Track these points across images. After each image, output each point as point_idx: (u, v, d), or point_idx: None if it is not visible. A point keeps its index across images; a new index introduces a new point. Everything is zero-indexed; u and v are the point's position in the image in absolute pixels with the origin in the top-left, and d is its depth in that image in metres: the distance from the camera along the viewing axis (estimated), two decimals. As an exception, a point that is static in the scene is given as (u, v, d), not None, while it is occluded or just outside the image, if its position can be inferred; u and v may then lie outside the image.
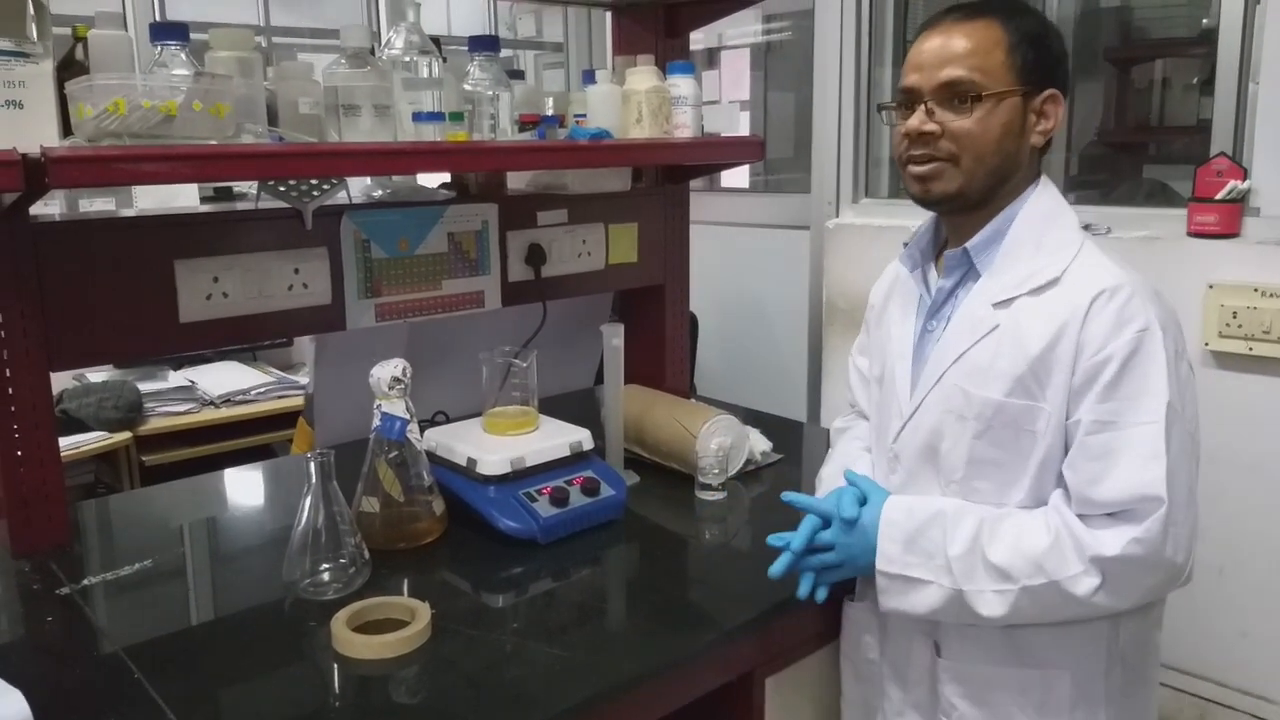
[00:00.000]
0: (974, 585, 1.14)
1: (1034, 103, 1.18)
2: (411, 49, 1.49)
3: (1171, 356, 1.10)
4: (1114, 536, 1.09)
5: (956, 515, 1.17)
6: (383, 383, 1.44)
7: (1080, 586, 1.10)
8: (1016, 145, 1.18)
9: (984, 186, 1.19)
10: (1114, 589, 1.11)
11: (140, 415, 3.12)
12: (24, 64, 1.18)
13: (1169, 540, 1.08)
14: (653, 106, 1.75)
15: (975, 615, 1.15)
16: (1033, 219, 1.20)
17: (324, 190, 1.66)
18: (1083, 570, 1.10)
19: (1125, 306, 1.10)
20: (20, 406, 1.43)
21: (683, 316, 2.28)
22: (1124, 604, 1.13)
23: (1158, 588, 1.14)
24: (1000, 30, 1.16)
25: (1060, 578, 1.10)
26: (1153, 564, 1.09)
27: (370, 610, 1.24)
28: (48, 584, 1.38)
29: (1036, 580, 1.11)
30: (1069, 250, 1.17)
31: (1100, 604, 1.11)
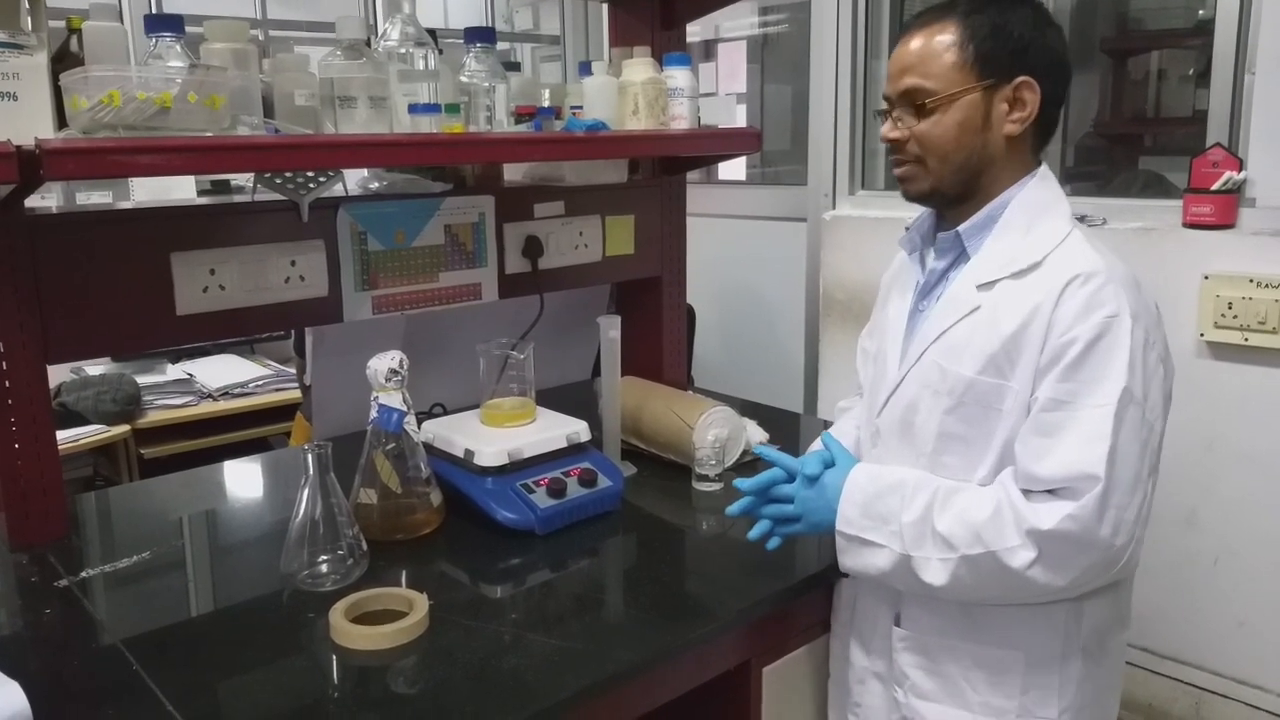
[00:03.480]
0: (921, 552, 1.18)
1: (1003, 93, 1.19)
2: (407, 40, 1.49)
3: (1139, 345, 1.11)
4: (1050, 511, 1.11)
5: (915, 485, 1.21)
6: (380, 375, 1.44)
7: (1016, 559, 1.12)
8: (981, 140, 1.20)
9: (956, 182, 1.23)
10: (1049, 564, 1.12)
11: (138, 408, 3.11)
12: (18, 56, 1.18)
13: (1105, 520, 1.10)
14: (649, 98, 1.75)
15: (920, 582, 1.19)
16: (1026, 206, 1.22)
17: (320, 182, 1.66)
18: (1019, 543, 1.12)
19: (1098, 292, 1.12)
20: (17, 399, 1.43)
21: (680, 308, 2.28)
22: (1060, 581, 1.13)
23: (1093, 569, 1.13)
24: (954, 30, 1.19)
25: (997, 548, 1.13)
26: (1087, 542, 1.11)
27: (368, 601, 1.25)
28: (46, 576, 1.38)
29: (975, 550, 1.14)
30: (1055, 237, 1.19)
31: (1036, 579, 1.12)
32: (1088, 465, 1.10)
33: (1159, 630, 2.46)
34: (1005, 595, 1.18)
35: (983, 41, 1.18)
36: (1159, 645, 2.47)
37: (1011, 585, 1.14)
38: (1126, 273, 1.16)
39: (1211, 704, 2.39)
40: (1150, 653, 2.49)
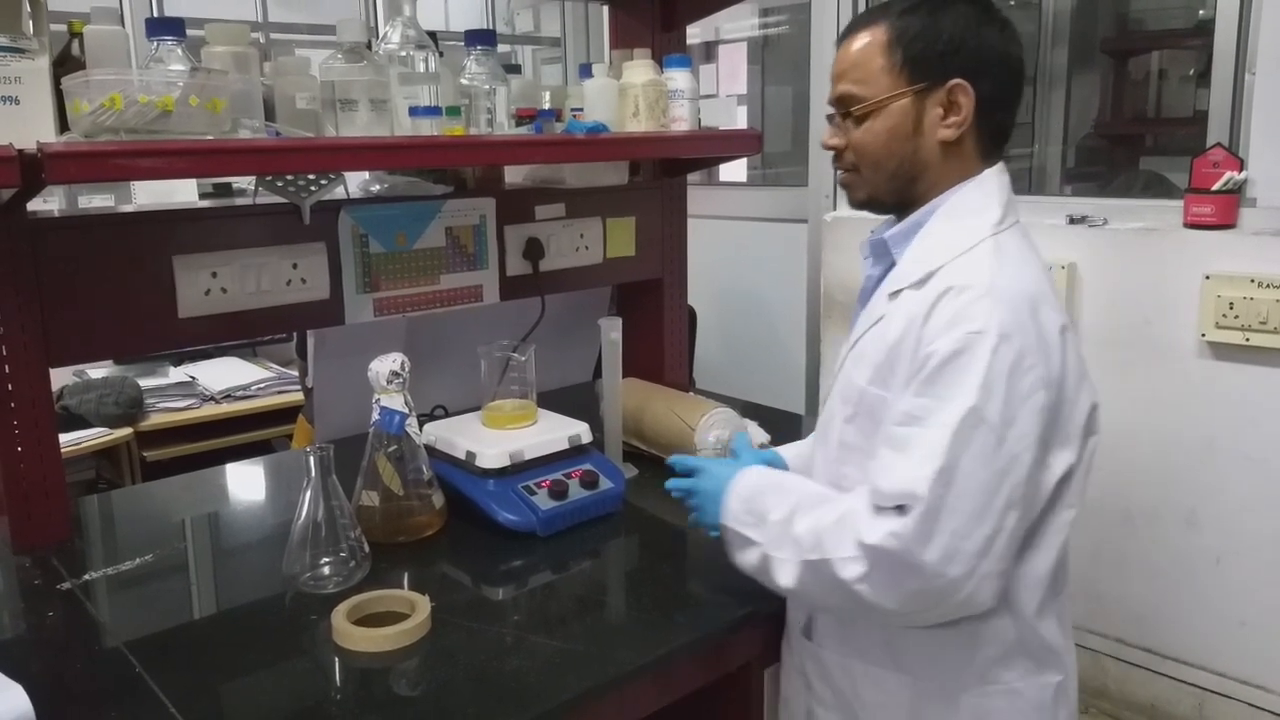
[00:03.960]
0: (779, 552, 1.15)
1: (935, 98, 1.14)
2: (408, 43, 1.49)
3: (1003, 366, 1.03)
4: (879, 525, 1.06)
5: (792, 488, 1.21)
6: (381, 377, 1.44)
7: (847, 570, 1.08)
8: (912, 146, 1.16)
9: (891, 190, 1.19)
10: (875, 581, 1.06)
11: (141, 411, 3.12)
12: (20, 60, 1.18)
13: (932, 545, 1.02)
14: (649, 100, 1.75)
15: (774, 582, 1.16)
16: (949, 212, 1.16)
17: (322, 185, 1.66)
18: (853, 555, 1.07)
19: (967, 306, 1.05)
20: (20, 403, 1.44)
21: (681, 310, 2.29)
22: (888, 603, 1.07)
23: (923, 596, 1.05)
24: (884, 33, 1.15)
25: (833, 557, 1.09)
26: (908, 564, 1.04)
27: (370, 603, 1.25)
28: (49, 579, 1.38)
29: (815, 555, 1.11)
30: (960, 246, 1.12)
31: (864, 595, 1.07)
32: (912, 484, 1.03)
33: (1161, 631, 2.46)
34: (845, 609, 1.14)
35: (911, 44, 1.13)
36: (1161, 646, 2.47)
37: (846, 598, 1.09)
38: (1020, 290, 1.07)
39: (1214, 704, 2.39)
40: (1152, 653, 2.49)
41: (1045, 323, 1.07)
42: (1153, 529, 2.45)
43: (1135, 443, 2.44)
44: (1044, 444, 1.07)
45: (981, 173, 1.17)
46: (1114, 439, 2.50)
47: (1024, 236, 1.17)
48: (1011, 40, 1.16)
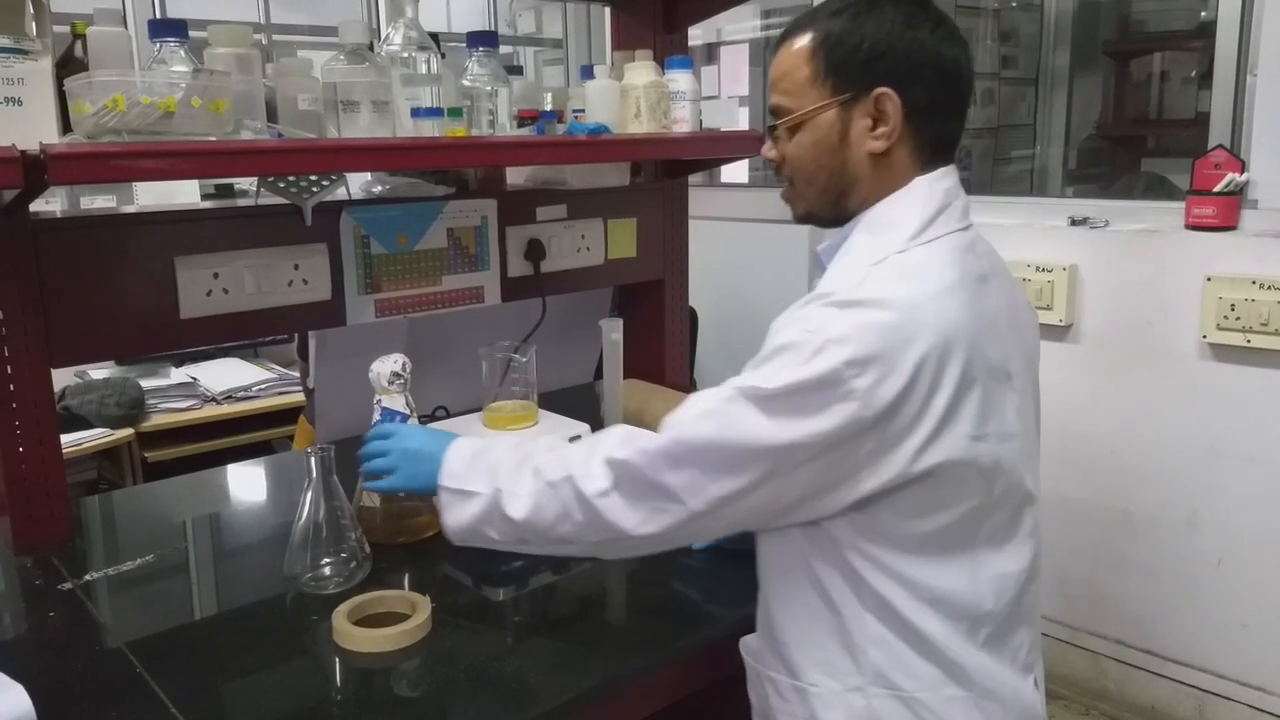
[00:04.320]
0: (512, 486, 1.13)
1: (862, 107, 1.08)
2: (410, 45, 1.50)
3: (822, 369, 0.98)
4: (630, 444, 1.07)
5: (519, 442, 1.20)
6: (382, 378, 1.44)
7: (590, 484, 1.07)
8: (840, 159, 1.10)
9: (825, 204, 1.14)
10: (617, 496, 1.06)
11: (142, 412, 3.12)
12: (23, 61, 1.18)
13: (677, 471, 1.03)
14: (651, 101, 1.75)
15: (504, 518, 1.13)
16: (870, 227, 1.11)
17: (323, 186, 1.66)
18: (598, 472, 1.07)
19: (817, 309, 1.03)
20: (22, 403, 1.44)
21: (682, 311, 2.29)
22: (624, 520, 1.06)
23: (658, 515, 1.05)
24: (808, 42, 1.10)
25: (576, 473, 1.08)
26: (650, 481, 1.04)
27: (371, 604, 1.25)
28: (50, 580, 1.39)
29: (558, 475, 1.10)
30: (868, 263, 1.06)
31: (603, 510, 1.06)
32: (678, 415, 1.05)
33: (1161, 632, 2.46)
34: (574, 538, 1.10)
35: (834, 51, 1.08)
36: (1161, 647, 2.47)
37: (585, 519, 1.08)
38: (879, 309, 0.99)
39: (1214, 706, 2.39)
40: (1153, 655, 2.49)
41: (897, 347, 0.98)
42: (1153, 531, 2.45)
43: (1136, 444, 2.44)
44: (846, 451, 1.00)
45: (912, 182, 1.10)
46: (1114, 440, 2.51)
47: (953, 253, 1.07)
48: (946, 41, 1.08)
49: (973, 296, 1.05)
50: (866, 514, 1.04)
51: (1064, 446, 2.57)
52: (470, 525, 1.17)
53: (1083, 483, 2.57)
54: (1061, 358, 2.54)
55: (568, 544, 1.13)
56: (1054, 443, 2.68)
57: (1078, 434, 2.54)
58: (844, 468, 1.01)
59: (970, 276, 1.06)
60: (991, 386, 1.04)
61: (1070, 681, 2.65)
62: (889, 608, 1.07)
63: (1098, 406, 2.50)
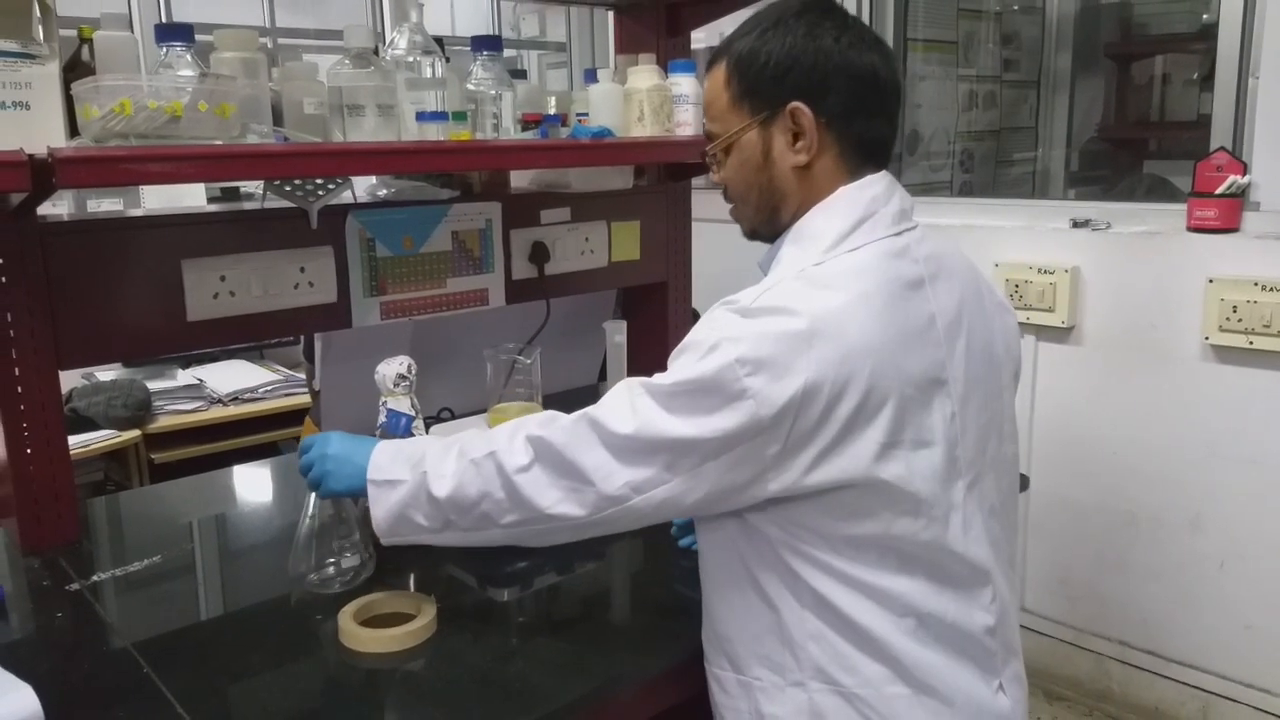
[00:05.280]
0: (437, 468, 1.14)
1: (780, 124, 1.09)
2: (415, 49, 1.50)
3: (714, 366, 0.99)
4: (548, 425, 1.09)
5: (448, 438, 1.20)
6: (388, 380, 1.45)
7: (511, 459, 1.08)
8: (766, 175, 1.12)
9: (761, 220, 1.16)
10: (536, 472, 1.08)
11: (149, 413, 3.13)
12: (30, 65, 1.19)
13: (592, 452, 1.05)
14: (654, 105, 1.76)
15: (429, 498, 1.14)
16: (795, 238, 1.11)
17: (329, 190, 1.67)
18: (519, 448, 1.09)
19: (721, 314, 1.04)
20: (30, 405, 1.45)
21: (685, 313, 2.29)
22: (540, 497, 1.07)
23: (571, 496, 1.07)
24: (722, 68, 1.12)
25: (500, 448, 1.10)
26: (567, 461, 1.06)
27: (376, 604, 1.26)
28: (57, 580, 1.39)
29: (481, 453, 1.11)
30: (787, 271, 1.07)
31: (522, 486, 1.08)
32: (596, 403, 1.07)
33: (1165, 634, 2.46)
34: (501, 510, 1.10)
35: (744, 75, 1.10)
36: (1165, 649, 2.47)
37: (504, 495, 1.09)
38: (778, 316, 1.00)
39: (1219, 707, 2.39)
40: (1156, 656, 2.49)
41: (793, 353, 0.98)
42: (1156, 532, 2.45)
43: (1139, 446, 2.45)
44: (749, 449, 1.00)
45: (835, 192, 1.10)
46: (1117, 442, 2.51)
47: (875, 261, 1.06)
48: (854, 46, 1.07)
49: (891, 305, 1.04)
50: (790, 514, 1.04)
51: (1066, 448, 2.57)
52: (397, 512, 1.16)
53: (1085, 485, 2.57)
54: (1063, 360, 2.54)
55: (490, 525, 1.12)
56: (1056, 445, 2.69)
57: (1080, 436, 2.55)
58: (750, 467, 1.01)
59: (894, 283, 1.05)
60: (912, 396, 1.03)
61: (1074, 683, 2.65)
62: (826, 604, 1.06)
63: (1100, 408, 2.50)
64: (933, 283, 1.09)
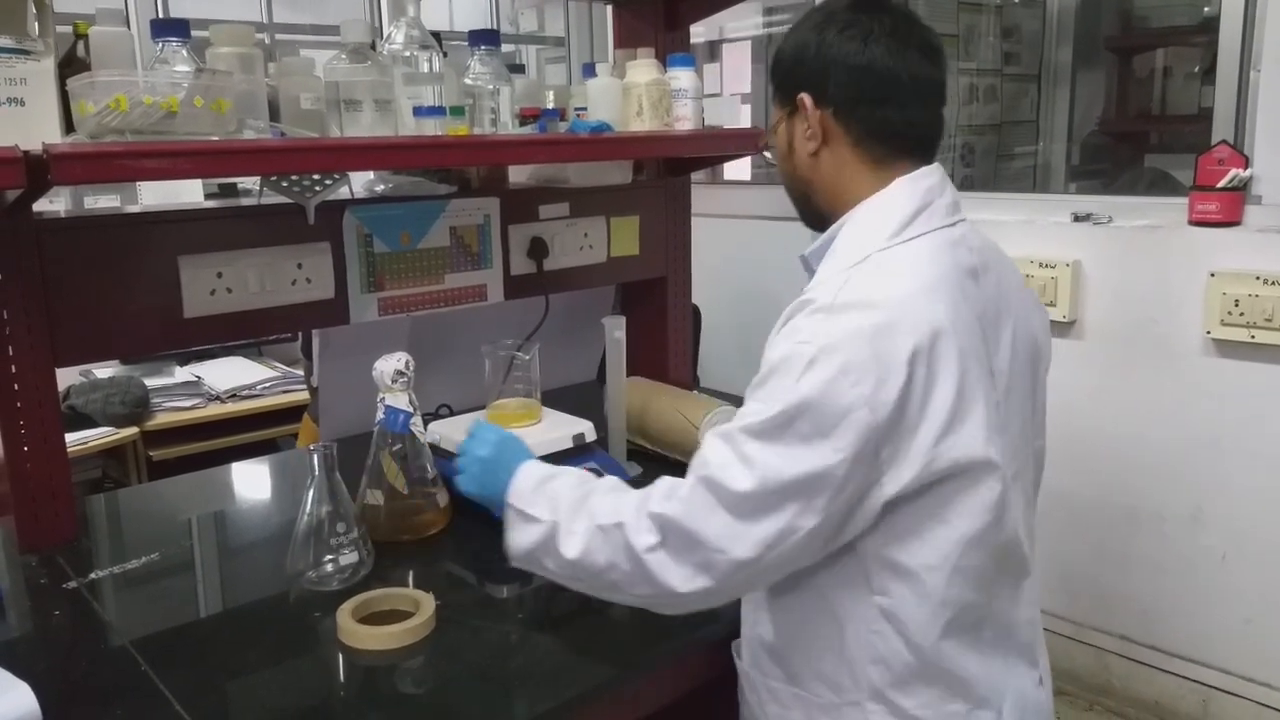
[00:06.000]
0: (571, 524, 1.12)
1: (799, 115, 1.15)
2: (412, 44, 1.50)
3: (821, 380, 0.98)
4: (670, 498, 1.05)
5: (585, 477, 1.19)
6: (386, 376, 1.44)
7: (640, 538, 1.05)
8: (791, 165, 1.18)
9: (800, 209, 1.22)
10: (665, 553, 1.04)
11: (147, 410, 3.13)
12: (25, 61, 1.18)
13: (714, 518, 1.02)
14: (653, 99, 1.75)
15: (558, 556, 1.12)
16: (854, 227, 1.13)
17: (326, 185, 1.66)
18: (646, 526, 1.05)
19: (804, 320, 1.04)
20: (26, 402, 1.44)
21: (685, 309, 2.29)
22: (672, 577, 1.04)
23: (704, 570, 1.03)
24: None
25: (628, 522, 1.07)
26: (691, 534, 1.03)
27: (375, 601, 1.25)
28: (55, 578, 1.39)
29: (609, 520, 1.08)
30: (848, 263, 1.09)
31: (651, 565, 1.04)
32: (708, 463, 1.03)
33: (1166, 628, 2.46)
34: (623, 587, 1.08)
35: (774, 72, 1.18)
36: (1166, 643, 2.47)
37: (632, 569, 1.06)
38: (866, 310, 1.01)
39: (1219, 701, 2.39)
40: (1157, 650, 2.49)
41: (888, 346, 0.99)
42: (1158, 526, 2.45)
43: (1140, 440, 2.44)
44: (868, 462, 0.99)
45: (892, 183, 1.12)
46: (1118, 436, 2.51)
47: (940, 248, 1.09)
48: (854, 39, 1.10)
49: (955, 292, 1.05)
50: (883, 524, 1.03)
51: (1068, 443, 2.57)
52: (530, 551, 1.17)
53: (1087, 479, 2.56)
54: (1065, 354, 2.52)
55: (619, 592, 1.11)
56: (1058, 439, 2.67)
57: (1081, 430, 2.54)
58: (869, 477, 1.00)
59: (956, 271, 1.07)
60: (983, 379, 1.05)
61: (1074, 677, 2.65)
62: (897, 621, 1.06)
63: (1101, 403, 2.50)
64: (984, 273, 1.12)
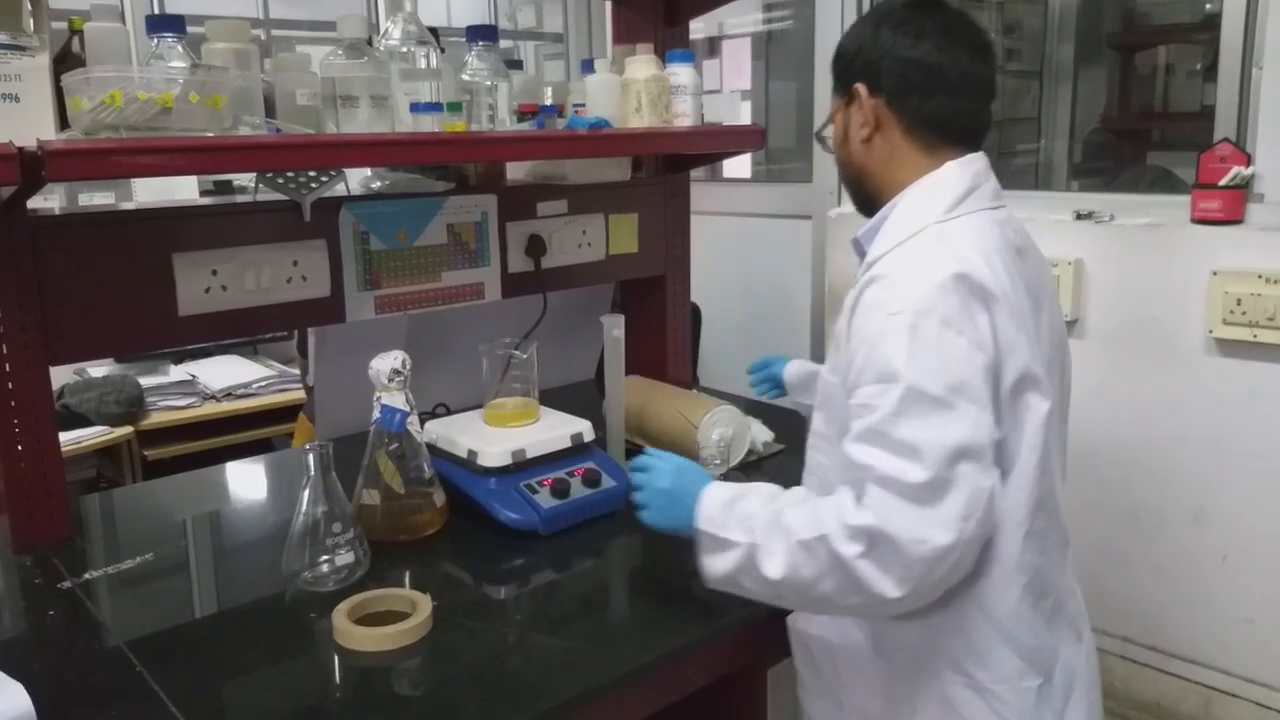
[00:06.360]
0: (768, 543, 1.13)
1: (855, 105, 1.25)
2: (409, 39, 1.49)
3: (930, 340, 1.05)
4: (863, 508, 1.06)
5: (770, 492, 1.21)
6: (382, 375, 1.44)
7: (847, 547, 1.06)
8: (846, 152, 1.28)
9: (852, 193, 1.32)
10: (875, 559, 1.05)
11: (141, 409, 3.12)
12: (20, 57, 1.18)
13: (911, 517, 1.04)
14: (652, 95, 1.74)
15: (761, 577, 1.13)
16: (907, 206, 1.20)
17: (322, 182, 1.66)
18: (849, 535, 1.06)
19: (885, 291, 1.10)
20: (20, 401, 1.43)
21: (684, 307, 2.28)
22: (885, 583, 1.05)
23: (917, 566, 1.05)
24: None
25: (831, 532, 1.07)
26: (896, 540, 1.04)
27: (372, 602, 1.24)
28: (49, 578, 1.38)
29: (811, 534, 1.09)
30: (905, 235, 1.16)
31: (863, 572, 1.05)
32: (879, 465, 1.05)
33: (1167, 629, 2.45)
34: (836, 598, 1.09)
35: (835, 64, 1.29)
36: (1167, 644, 2.46)
37: (843, 579, 1.07)
38: (940, 268, 1.09)
39: (1221, 703, 2.38)
40: (1158, 651, 2.48)
41: (967, 291, 1.08)
42: (1159, 527, 2.44)
43: (1142, 440, 2.43)
44: (992, 399, 1.08)
45: (943, 165, 1.21)
46: (1120, 436, 2.50)
47: (988, 224, 1.18)
48: (904, 35, 1.20)
49: (1011, 261, 1.16)
50: None
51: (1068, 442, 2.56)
52: (728, 575, 1.17)
53: (1087, 478, 2.55)
54: (1066, 353, 2.52)
55: (829, 605, 1.13)
56: (1058, 438, 2.68)
57: (1082, 429, 2.52)
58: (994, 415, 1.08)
59: (1008, 248, 1.18)
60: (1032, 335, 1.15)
61: (1075, 678, 2.64)
62: (976, 589, 1.13)
63: (1103, 402, 2.49)
64: (1026, 255, 1.22)
